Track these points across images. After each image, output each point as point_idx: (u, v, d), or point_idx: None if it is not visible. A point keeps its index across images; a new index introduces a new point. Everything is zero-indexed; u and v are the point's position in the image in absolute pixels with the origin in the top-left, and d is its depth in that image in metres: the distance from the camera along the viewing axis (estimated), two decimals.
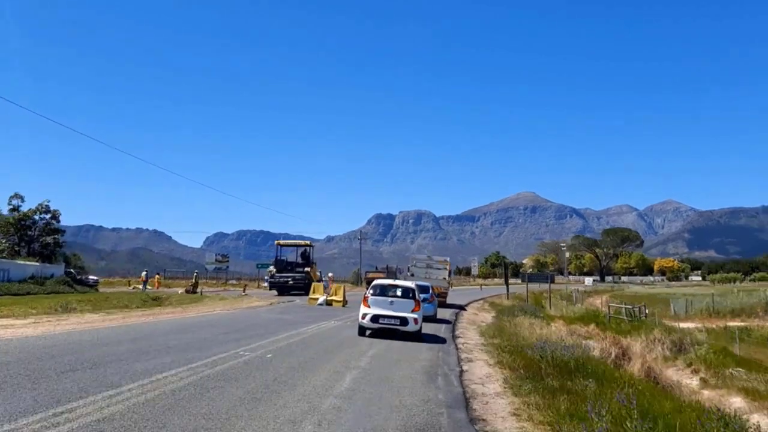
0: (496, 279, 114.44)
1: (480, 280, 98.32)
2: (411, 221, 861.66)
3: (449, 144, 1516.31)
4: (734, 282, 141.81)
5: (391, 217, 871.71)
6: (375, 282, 15.94)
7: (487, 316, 28.36)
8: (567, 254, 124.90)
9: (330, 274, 53.61)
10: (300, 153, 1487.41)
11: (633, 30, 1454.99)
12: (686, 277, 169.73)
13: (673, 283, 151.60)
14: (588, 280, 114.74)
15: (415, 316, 14.46)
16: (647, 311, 26.88)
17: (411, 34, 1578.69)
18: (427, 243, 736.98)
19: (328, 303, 26.70)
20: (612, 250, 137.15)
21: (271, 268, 41.90)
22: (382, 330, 14.53)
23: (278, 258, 40.61)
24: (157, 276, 54.48)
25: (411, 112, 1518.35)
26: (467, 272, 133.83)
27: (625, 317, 27.90)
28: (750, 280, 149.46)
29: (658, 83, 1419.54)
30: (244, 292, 40.51)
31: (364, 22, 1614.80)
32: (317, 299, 27.01)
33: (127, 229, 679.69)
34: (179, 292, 41.66)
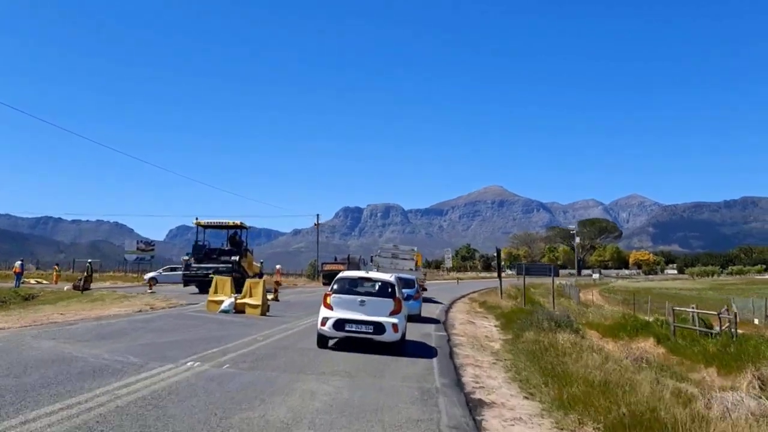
0: (469, 272, 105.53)
1: (455, 274, 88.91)
2: (379, 215, 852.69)
3: (418, 138, 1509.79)
4: (713, 275, 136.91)
5: (359, 211, 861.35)
6: (340, 275, 11.78)
7: (490, 327, 18.63)
8: (578, 240, 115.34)
9: (278, 267, 43.02)
10: (267, 147, 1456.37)
11: (602, 29, 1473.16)
12: (662, 271, 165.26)
13: (652, 276, 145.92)
14: (596, 275, 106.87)
15: (395, 320, 10.61)
16: (730, 318, 17.54)
17: (376, 32, 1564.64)
18: (395, 236, 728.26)
19: (239, 309, 16.45)
20: (589, 242, 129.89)
21: (185, 257, 31.46)
22: (350, 340, 10.79)
23: (198, 243, 30.03)
24: (55, 268, 43.17)
25: (380, 108, 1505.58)
26: (437, 266, 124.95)
27: (696, 328, 18.37)
28: (727, 274, 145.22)
29: (624, 82, 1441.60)
30: (150, 289, 29.86)
31: (339, 21, 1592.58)
32: (221, 302, 16.69)
33: (88, 221, 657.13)
34: (65, 288, 31.05)
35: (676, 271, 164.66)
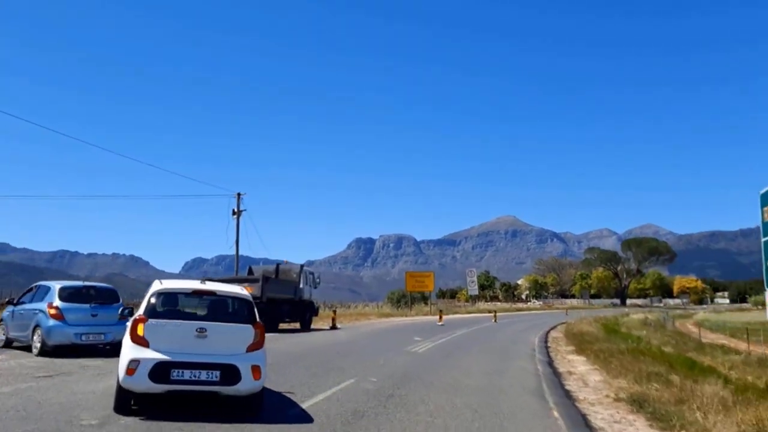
0: (501, 302, 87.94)
1: (484, 304, 71.12)
2: (392, 245, 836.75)
3: (429, 168, 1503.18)
4: None
5: (371, 242, 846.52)
6: (160, 287, 6.68)
7: None
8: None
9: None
10: (280, 178, 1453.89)
11: (605, 56, 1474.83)
12: (711, 300, 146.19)
13: (706, 306, 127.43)
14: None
15: (254, 361, 6.36)
16: None
17: (387, 60, 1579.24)
18: (408, 267, 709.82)
19: None
20: (637, 266, 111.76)
21: None
22: (177, 395, 6.15)
23: None
24: None
25: (393, 137, 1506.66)
26: (452, 295, 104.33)
27: None
28: None
29: (634, 109, 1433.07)
30: None
31: (349, 53, 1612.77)
32: None
33: (104, 254, 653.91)
34: None
35: (728, 300, 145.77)
